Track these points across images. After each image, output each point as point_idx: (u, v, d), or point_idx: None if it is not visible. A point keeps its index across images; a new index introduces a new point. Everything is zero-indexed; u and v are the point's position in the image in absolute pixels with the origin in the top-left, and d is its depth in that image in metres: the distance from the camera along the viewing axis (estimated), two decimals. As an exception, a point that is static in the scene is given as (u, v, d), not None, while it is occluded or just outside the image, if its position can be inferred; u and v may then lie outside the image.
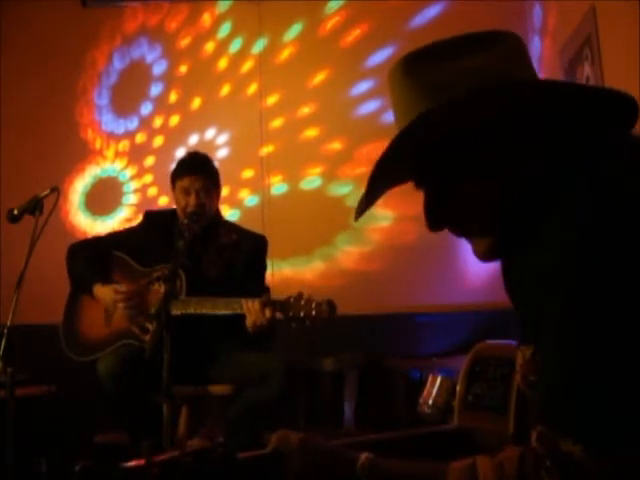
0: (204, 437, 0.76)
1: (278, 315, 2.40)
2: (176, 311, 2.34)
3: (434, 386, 1.57)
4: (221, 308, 2.47)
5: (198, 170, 2.73)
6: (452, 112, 0.86)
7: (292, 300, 2.36)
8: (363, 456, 0.85)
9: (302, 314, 2.34)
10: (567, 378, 0.76)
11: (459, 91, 0.86)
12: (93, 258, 2.75)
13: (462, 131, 0.89)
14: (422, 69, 0.91)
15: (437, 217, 0.95)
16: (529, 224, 0.87)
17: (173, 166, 2.88)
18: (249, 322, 2.40)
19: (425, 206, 0.96)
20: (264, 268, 2.84)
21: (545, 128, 0.88)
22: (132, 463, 0.73)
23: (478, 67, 0.88)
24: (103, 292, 2.66)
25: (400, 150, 0.88)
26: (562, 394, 0.76)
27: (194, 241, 2.64)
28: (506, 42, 0.93)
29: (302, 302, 2.35)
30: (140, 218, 2.98)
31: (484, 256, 0.95)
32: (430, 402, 1.55)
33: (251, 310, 2.39)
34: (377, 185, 0.92)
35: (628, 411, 0.73)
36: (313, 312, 2.32)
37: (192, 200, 2.69)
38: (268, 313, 2.37)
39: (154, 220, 2.88)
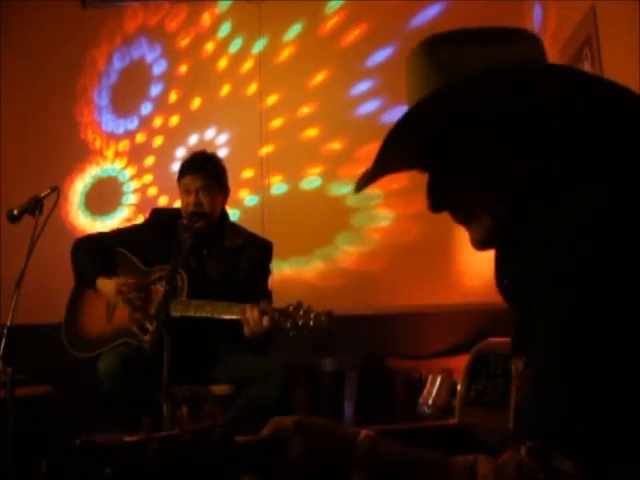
0: (205, 418, 0.76)
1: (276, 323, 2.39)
2: (176, 313, 2.34)
3: (434, 386, 1.57)
4: (220, 312, 2.47)
5: (198, 169, 2.72)
6: (469, 89, 0.85)
7: (291, 309, 2.34)
8: (363, 433, 0.83)
9: (300, 323, 2.32)
10: (559, 391, 0.74)
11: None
12: (97, 253, 2.75)
13: (479, 111, 0.88)
14: (444, 53, 0.90)
15: (440, 197, 0.93)
16: (533, 217, 0.86)
17: (174, 166, 2.88)
18: (247, 329, 2.39)
19: (429, 185, 0.94)
20: (267, 273, 2.82)
21: (564, 118, 0.87)
22: (131, 438, 0.73)
23: (501, 56, 0.88)
24: (106, 285, 2.66)
25: (414, 121, 0.87)
26: (554, 408, 0.74)
27: (199, 242, 2.64)
28: (529, 40, 0.93)
29: (301, 312, 2.32)
30: (140, 218, 2.99)
31: (480, 242, 0.93)
32: (430, 402, 1.55)
33: (249, 317, 2.38)
34: (386, 158, 0.90)
35: (622, 426, 0.71)
36: (311, 322, 2.30)
37: (192, 199, 2.68)
38: (266, 321, 2.36)
39: (159, 218, 2.87)
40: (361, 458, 0.81)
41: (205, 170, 2.72)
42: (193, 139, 3.99)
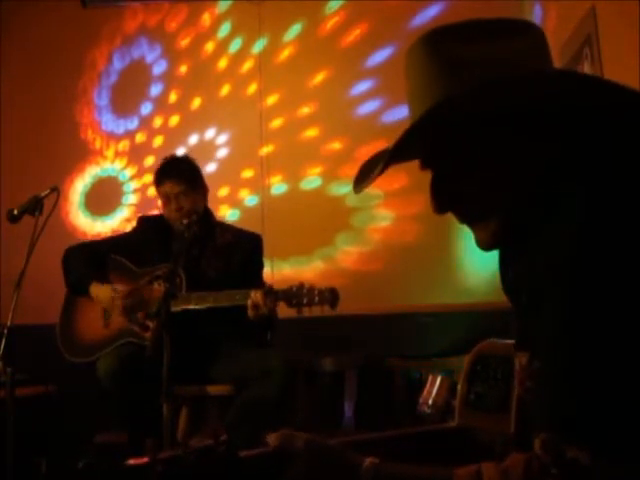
0: (207, 435, 0.76)
1: (281, 304, 2.40)
2: (177, 307, 2.34)
3: (434, 386, 1.57)
4: (223, 301, 2.47)
5: (174, 175, 2.71)
6: (483, 95, 0.85)
7: (294, 289, 2.37)
8: (367, 461, 0.85)
9: (305, 301, 2.33)
10: (569, 381, 0.74)
11: (486, 73, 0.85)
12: (90, 259, 2.76)
13: (486, 114, 0.88)
14: (446, 46, 0.90)
15: (446, 199, 0.93)
16: (535, 217, 0.86)
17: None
18: (251, 312, 2.39)
19: (432, 187, 0.94)
20: (261, 266, 2.84)
21: (566, 121, 0.87)
22: (135, 460, 0.73)
23: (501, 52, 0.88)
24: (100, 291, 2.66)
25: (423, 129, 0.87)
26: (565, 398, 0.75)
27: (191, 243, 2.64)
28: (532, 33, 0.93)
29: (304, 290, 2.35)
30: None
31: (486, 243, 0.93)
32: (430, 402, 1.55)
33: (254, 300, 2.39)
34: (391, 160, 0.90)
35: (634, 415, 0.71)
36: (316, 299, 2.32)
37: (173, 206, 2.68)
38: (270, 302, 2.37)
39: (149, 224, 2.88)
40: None
41: (181, 174, 2.71)
42: (193, 139, 3.99)
